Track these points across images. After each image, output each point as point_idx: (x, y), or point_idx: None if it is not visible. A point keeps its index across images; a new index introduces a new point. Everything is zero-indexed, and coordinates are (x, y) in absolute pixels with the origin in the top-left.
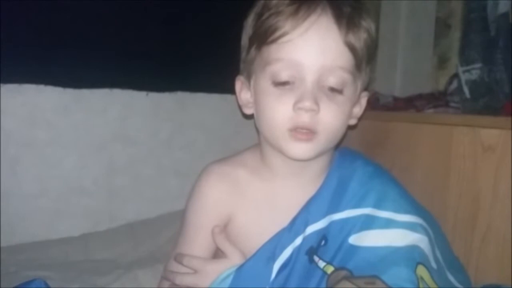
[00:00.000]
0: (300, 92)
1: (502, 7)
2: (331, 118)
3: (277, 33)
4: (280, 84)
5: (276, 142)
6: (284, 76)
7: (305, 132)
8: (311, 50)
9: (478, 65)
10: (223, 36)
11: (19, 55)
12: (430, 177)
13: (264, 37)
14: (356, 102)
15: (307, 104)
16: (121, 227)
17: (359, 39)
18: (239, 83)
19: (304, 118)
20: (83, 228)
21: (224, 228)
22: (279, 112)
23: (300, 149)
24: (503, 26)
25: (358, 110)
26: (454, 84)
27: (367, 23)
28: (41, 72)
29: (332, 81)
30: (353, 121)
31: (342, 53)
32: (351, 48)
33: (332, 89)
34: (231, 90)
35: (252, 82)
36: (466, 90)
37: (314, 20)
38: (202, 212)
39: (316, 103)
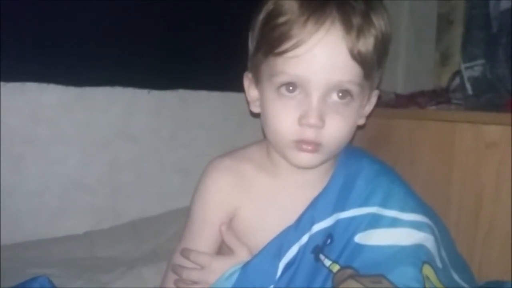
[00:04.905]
0: (305, 107)
1: (505, 4)
2: (336, 131)
3: (284, 46)
4: (286, 90)
5: (280, 149)
6: (289, 84)
7: (310, 144)
8: (318, 67)
9: (481, 61)
10: (225, 33)
11: (21, 54)
12: (433, 173)
13: (271, 47)
14: (365, 103)
15: (312, 121)
16: (125, 225)
17: (369, 50)
18: (247, 80)
19: (309, 133)
20: (86, 226)
21: (229, 223)
22: (284, 124)
23: (305, 158)
24: (506, 23)
25: (368, 108)
26: (457, 81)
27: (378, 27)
28: (43, 70)
29: (339, 94)
30: (361, 121)
31: (350, 68)
32: (360, 61)
33: (338, 102)
34: (233, 88)
35: (259, 85)
36: (468, 86)
37: (323, 35)
38: (208, 206)
39: (322, 119)
